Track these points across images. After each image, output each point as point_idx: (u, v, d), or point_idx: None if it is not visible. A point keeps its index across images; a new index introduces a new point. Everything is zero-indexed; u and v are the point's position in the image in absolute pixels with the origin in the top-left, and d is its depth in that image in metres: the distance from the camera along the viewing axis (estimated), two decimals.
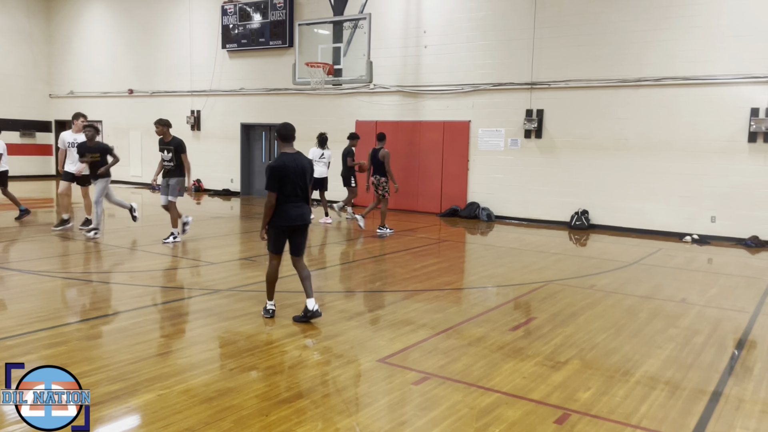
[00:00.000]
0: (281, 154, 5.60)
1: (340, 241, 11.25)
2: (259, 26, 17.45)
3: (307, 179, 5.66)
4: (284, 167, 5.50)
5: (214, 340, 5.29)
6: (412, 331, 5.61)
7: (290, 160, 5.55)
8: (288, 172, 5.50)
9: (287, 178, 5.50)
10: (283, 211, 5.57)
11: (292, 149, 5.68)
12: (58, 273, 7.62)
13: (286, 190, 5.53)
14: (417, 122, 15.23)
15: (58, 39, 22.73)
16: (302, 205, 5.67)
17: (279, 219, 5.59)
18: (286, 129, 5.70)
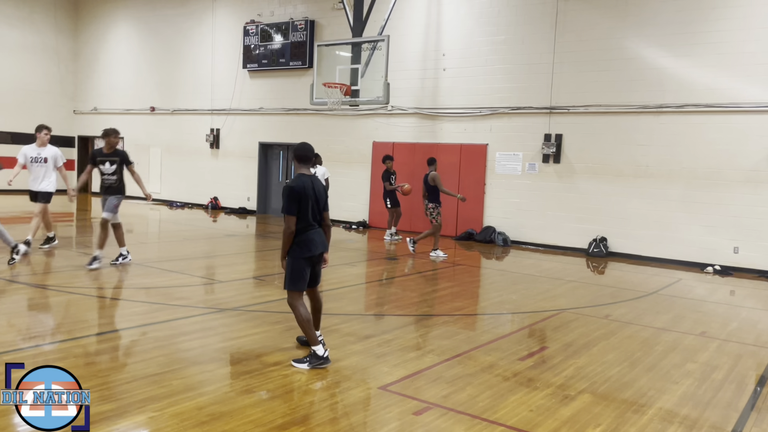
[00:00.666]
0: (299, 175, 5.10)
1: (351, 262, 11.11)
2: (279, 47, 17.60)
3: (321, 203, 5.18)
4: (304, 188, 4.98)
5: (213, 361, 5.16)
6: (418, 357, 5.44)
7: (309, 182, 5.06)
8: (308, 195, 5.00)
9: (307, 201, 4.99)
10: (306, 240, 5.00)
11: (309, 171, 5.22)
12: (64, 288, 7.59)
13: (307, 215, 5.01)
14: (434, 144, 15.13)
15: (85, 56, 23.18)
16: (320, 232, 5.17)
17: (304, 249, 4.99)
18: (304, 150, 5.23)
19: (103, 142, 9.41)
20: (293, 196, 4.95)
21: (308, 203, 4.98)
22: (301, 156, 5.22)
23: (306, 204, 4.97)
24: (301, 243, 5.00)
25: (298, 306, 5.06)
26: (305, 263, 5.05)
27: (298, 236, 4.99)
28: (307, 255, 5.02)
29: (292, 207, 4.94)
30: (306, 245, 5.02)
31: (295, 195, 4.94)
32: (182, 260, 9.95)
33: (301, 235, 5.00)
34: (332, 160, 16.92)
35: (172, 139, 20.80)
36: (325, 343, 5.19)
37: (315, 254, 5.08)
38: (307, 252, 5.02)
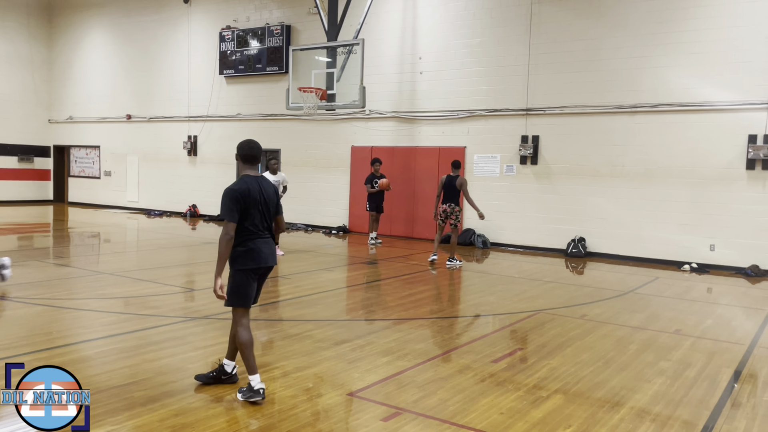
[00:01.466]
0: (243, 176, 4.53)
1: (328, 267, 11.01)
2: (256, 52, 17.48)
3: (272, 208, 4.59)
4: (248, 191, 4.39)
5: (179, 371, 5.04)
6: (390, 362, 5.36)
7: (254, 184, 4.47)
8: (253, 198, 4.41)
9: (254, 206, 4.41)
10: (253, 249, 4.41)
11: (255, 172, 4.60)
12: (32, 299, 7.41)
13: (254, 221, 4.43)
14: (412, 148, 15.11)
15: (59, 65, 22.88)
16: (271, 242, 4.58)
17: (249, 259, 4.40)
18: (250, 148, 4.58)
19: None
20: (234, 200, 4.34)
21: (255, 208, 4.42)
22: (245, 155, 4.59)
23: (251, 209, 4.40)
24: (247, 253, 4.41)
25: (241, 324, 4.47)
26: (251, 276, 4.46)
27: (243, 245, 4.40)
28: (253, 266, 4.43)
29: (233, 212, 4.34)
30: (251, 255, 4.42)
31: (236, 198, 4.35)
32: (157, 269, 9.79)
33: (247, 244, 4.41)
34: (311, 165, 16.84)
35: (149, 147, 20.58)
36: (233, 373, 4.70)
37: (262, 266, 4.49)
38: (253, 263, 4.42)
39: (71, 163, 23.15)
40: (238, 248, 4.40)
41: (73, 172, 23.10)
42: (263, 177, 4.60)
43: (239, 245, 4.40)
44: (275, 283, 9.22)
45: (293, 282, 9.25)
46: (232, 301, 4.47)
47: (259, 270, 4.51)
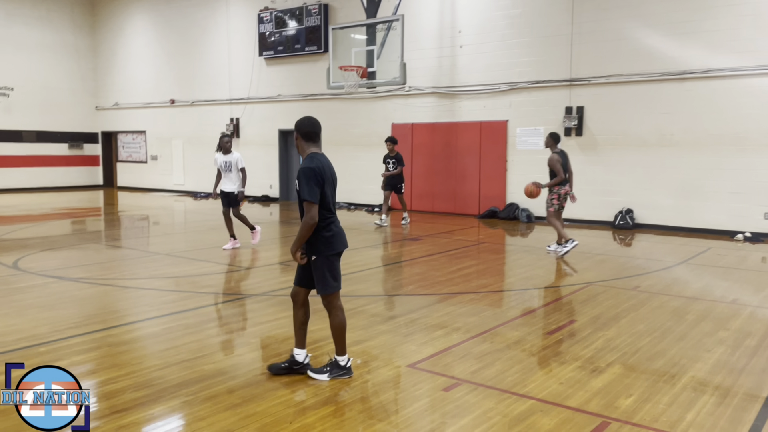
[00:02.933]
0: (314, 154, 4.24)
1: (374, 245, 11.13)
2: (294, 33, 17.55)
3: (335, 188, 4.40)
4: (323, 170, 4.14)
5: (243, 345, 5.23)
6: (445, 335, 5.44)
7: (327, 162, 4.26)
8: (329, 177, 4.20)
9: (329, 185, 4.20)
10: (337, 233, 4.27)
11: (319, 149, 4.36)
12: (95, 280, 7.73)
13: (330, 202, 4.22)
14: (453, 123, 15.02)
15: (103, 52, 23.42)
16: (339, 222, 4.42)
17: (338, 243, 4.26)
18: (312, 124, 4.31)
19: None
20: (315, 179, 4.08)
21: (331, 187, 4.23)
22: (307, 132, 4.30)
23: (328, 188, 4.19)
24: (334, 237, 4.24)
25: (340, 308, 4.37)
26: (337, 259, 4.34)
27: (328, 229, 4.20)
28: (341, 249, 4.32)
29: (315, 192, 4.07)
30: (340, 239, 4.29)
31: (317, 176, 4.09)
32: (209, 249, 10.06)
33: (331, 228, 4.23)
34: (351, 144, 16.92)
35: (193, 131, 20.97)
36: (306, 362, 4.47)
37: (346, 247, 4.40)
38: (341, 246, 4.31)
39: (119, 148, 23.79)
40: (323, 233, 4.18)
41: (121, 157, 23.75)
42: (324, 155, 4.35)
43: (323, 230, 4.18)
44: None
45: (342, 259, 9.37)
46: (329, 288, 4.28)
47: (341, 252, 4.38)
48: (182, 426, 3.67)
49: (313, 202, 4.07)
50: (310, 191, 4.07)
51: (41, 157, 22.27)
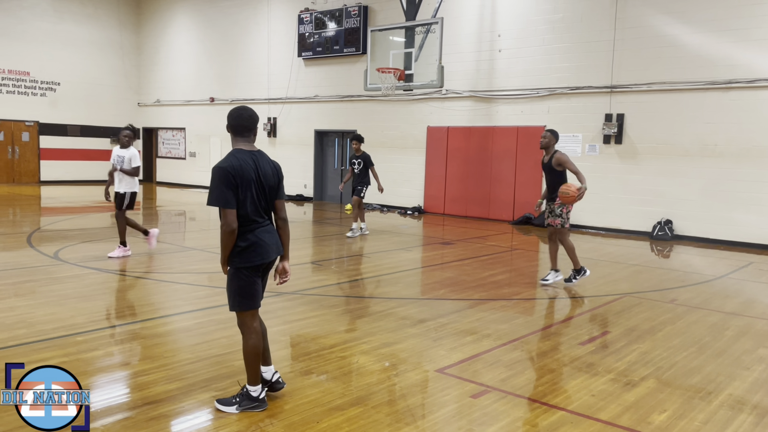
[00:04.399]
0: (236, 150, 3.72)
1: (406, 247, 11.11)
2: (333, 34, 17.67)
3: (269, 190, 3.77)
4: (242, 169, 3.61)
5: (273, 342, 5.26)
6: (475, 341, 5.39)
7: (247, 160, 3.67)
8: (247, 177, 3.62)
9: (249, 187, 3.64)
10: (256, 243, 3.69)
11: (250, 145, 3.78)
12: (132, 273, 7.90)
13: (250, 207, 3.66)
14: (489, 128, 14.91)
15: (147, 50, 23.94)
16: (272, 229, 3.85)
17: (253, 255, 3.69)
18: (240, 116, 3.75)
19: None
20: (227, 181, 3.56)
21: (248, 189, 3.64)
22: (236, 126, 3.75)
23: (247, 191, 3.63)
24: (250, 248, 3.68)
25: (255, 331, 3.82)
26: (254, 273, 3.76)
27: (243, 239, 3.67)
28: (257, 263, 3.72)
29: (226, 195, 3.56)
30: (256, 251, 3.70)
31: (229, 179, 3.56)
32: None
33: (247, 237, 3.68)
34: (386, 146, 16.94)
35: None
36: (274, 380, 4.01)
37: (266, 261, 3.78)
38: (258, 258, 3.71)
39: (159, 144, 24.29)
40: (236, 244, 3.67)
41: (161, 152, 24.24)
42: (260, 152, 3.80)
43: (238, 239, 3.67)
44: (357, 261, 9.43)
45: (373, 261, 9.42)
46: (238, 305, 3.78)
47: (263, 265, 3.80)
48: (212, 420, 3.71)
49: (226, 207, 3.57)
50: (219, 196, 3.57)
51: (84, 150, 22.88)
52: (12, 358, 4.53)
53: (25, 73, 21.20)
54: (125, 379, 4.30)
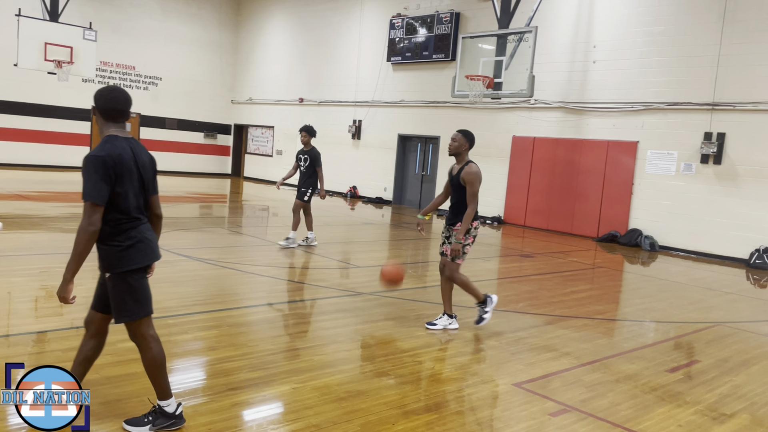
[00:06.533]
0: (110, 137, 3.20)
1: (485, 257, 10.98)
2: (423, 39, 17.74)
3: (148, 183, 3.34)
4: (121, 159, 3.13)
5: (351, 341, 5.35)
6: (554, 358, 5.26)
7: (127, 149, 3.21)
8: (129, 169, 3.18)
9: (130, 179, 3.18)
10: (141, 242, 3.25)
11: (124, 132, 3.28)
12: (218, 262, 8.23)
13: (132, 202, 3.21)
14: (578, 140, 14.51)
15: (243, 50, 24.90)
16: (151, 228, 3.40)
17: (140, 256, 3.23)
18: (115, 99, 3.24)
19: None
20: (104, 172, 3.05)
21: (130, 182, 3.18)
22: (108, 110, 3.24)
23: (128, 183, 3.17)
24: (134, 248, 3.22)
25: (151, 339, 3.37)
26: (142, 275, 3.31)
27: (126, 238, 3.18)
28: (145, 263, 3.29)
29: (101, 189, 3.04)
30: (142, 251, 3.25)
31: (107, 170, 3.06)
32: (323, 244, 10.38)
33: (131, 236, 3.21)
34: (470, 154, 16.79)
35: (317, 129, 21.70)
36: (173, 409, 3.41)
37: (154, 261, 3.37)
38: (144, 259, 3.27)
39: (248, 141, 25.19)
40: (117, 243, 3.17)
41: (249, 149, 25.13)
42: (135, 140, 3.35)
43: (118, 238, 3.17)
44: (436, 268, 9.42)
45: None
46: (130, 314, 3.27)
47: (148, 268, 3.38)
48: (291, 412, 3.81)
49: (96, 202, 3.03)
50: (93, 188, 3.03)
51: (180, 143, 24.05)
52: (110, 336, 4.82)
53: (131, 68, 22.54)
54: (211, 364, 4.49)
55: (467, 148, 5.75)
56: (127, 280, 3.23)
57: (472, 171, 5.57)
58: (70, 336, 4.76)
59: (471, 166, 5.63)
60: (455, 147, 5.73)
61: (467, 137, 5.77)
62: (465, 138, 5.75)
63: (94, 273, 3.47)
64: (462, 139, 5.74)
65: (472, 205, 5.54)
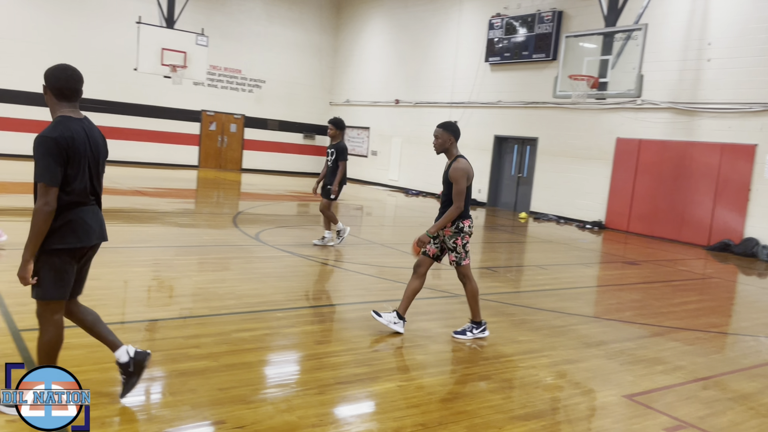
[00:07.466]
0: (63, 118, 3.18)
1: (585, 263, 10.63)
2: (523, 39, 17.42)
3: (102, 164, 3.37)
4: (74, 140, 3.13)
5: (451, 342, 5.35)
6: (666, 371, 5.02)
7: (80, 130, 3.20)
8: (79, 150, 3.16)
9: (78, 161, 3.16)
10: (73, 222, 3.21)
11: (77, 112, 3.27)
12: (320, 259, 8.46)
13: (79, 184, 3.20)
14: (689, 143, 13.74)
15: (342, 52, 25.48)
16: (98, 211, 3.40)
17: (70, 235, 3.19)
18: (68, 78, 3.21)
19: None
20: (56, 154, 3.06)
21: (79, 164, 3.17)
22: (60, 88, 3.20)
23: (78, 166, 3.17)
24: (66, 227, 3.18)
25: (52, 323, 3.28)
26: (70, 257, 3.25)
27: (62, 215, 3.16)
28: (76, 245, 3.22)
29: (53, 170, 3.05)
30: (73, 230, 3.20)
31: (60, 151, 3.07)
32: None
33: (66, 214, 3.18)
34: (568, 156, 16.35)
35: (412, 130, 21.89)
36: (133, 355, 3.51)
37: (87, 245, 3.29)
38: (75, 240, 3.21)
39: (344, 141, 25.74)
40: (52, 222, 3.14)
41: None
42: (88, 119, 3.33)
43: (56, 218, 3.15)
44: (534, 272, 9.25)
45: (550, 273, 9.15)
46: (46, 292, 3.21)
47: (82, 250, 3.31)
48: (397, 409, 3.86)
49: (50, 183, 3.05)
50: (46, 170, 3.04)
51: (280, 143, 24.96)
52: (224, 326, 5.10)
53: (237, 71, 23.63)
54: (318, 358, 4.63)
55: (453, 142, 5.33)
56: (52, 258, 3.18)
57: (458, 167, 5.20)
58: (178, 325, 5.08)
59: (458, 161, 5.25)
60: (439, 144, 5.33)
61: (449, 130, 5.32)
62: (447, 131, 5.31)
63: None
64: (444, 134, 5.30)
65: (457, 202, 5.18)
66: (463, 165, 5.22)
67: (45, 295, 3.21)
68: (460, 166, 5.21)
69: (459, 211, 5.20)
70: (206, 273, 7.25)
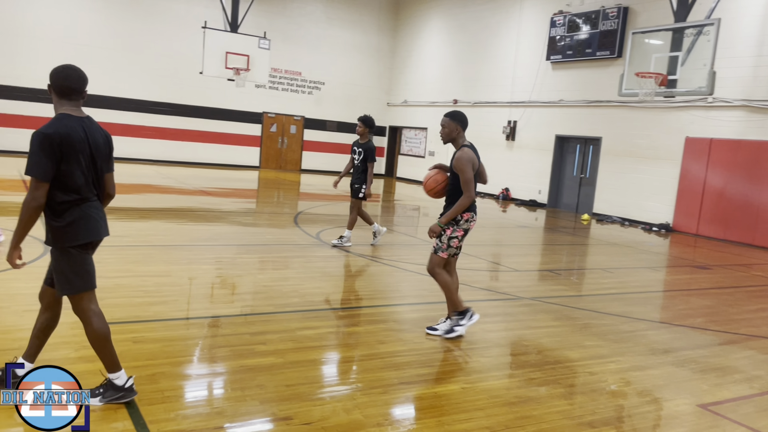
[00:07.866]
0: (62, 116, 3.28)
1: (653, 266, 10.27)
2: (587, 37, 17.00)
3: (100, 162, 3.42)
4: (70, 137, 3.22)
5: (515, 345, 5.27)
6: (743, 381, 4.79)
7: (77, 127, 3.28)
8: (75, 147, 3.24)
9: (76, 158, 3.25)
10: (86, 218, 3.34)
11: (78, 111, 3.37)
12: (378, 259, 8.49)
13: (79, 180, 3.28)
14: (764, 142, 13.08)
15: (400, 53, 25.52)
16: (100, 206, 3.49)
17: (81, 232, 3.32)
18: (68, 77, 3.32)
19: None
20: (49, 149, 3.15)
21: (76, 161, 3.26)
22: (62, 87, 3.32)
23: (75, 162, 3.25)
24: (78, 223, 3.30)
25: (96, 314, 3.42)
26: (85, 250, 3.39)
27: (64, 217, 3.27)
28: (89, 239, 3.37)
29: (45, 166, 3.14)
30: (85, 226, 3.33)
31: (53, 147, 3.15)
32: (476, 246, 10.33)
33: (73, 211, 3.29)
34: (634, 156, 15.85)
35: (470, 130, 21.33)
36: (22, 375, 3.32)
37: (98, 239, 3.45)
38: (87, 235, 3.35)
39: (402, 142, 25.78)
40: (60, 220, 3.27)
41: (402, 150, 25.70)
42: (90, 118, 3.41)
43: (59, 217, 3.27)
44: (598, 275, 9.02)
45: (617, 276, 8.89)
46: (73, 286, 3.35)
47: (93, 243, 3.45)
48: (462, 411, 3.83)
49: (40, 179, 3.13)
50: (36, 165, 3.12)
51: (339, 144, 25.21)
52: (288, 324, 5.19)
53: (297, 73, 24.02)
54: (382, 357, 4.64)
55: (460, 131, 5.19)
56: (69, 254, 3.31)
57: (461, 157, 5.05)
58: (244, 322, 5.18)
59: (462, 150, 5.10)
60: (446, 134, 5.21)
61: (456, 119, 5.17)
62: (454, 121, 5.16)
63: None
64: (451, 123, 5.16)
65: (467, 192, 5.05)
66: (467, 154, 5.08)
67: (74, 290, 3.35)
68: (464, 155, 5.08)
69: (470, 200, 5.10)
70: (269, 271, 7.40)
